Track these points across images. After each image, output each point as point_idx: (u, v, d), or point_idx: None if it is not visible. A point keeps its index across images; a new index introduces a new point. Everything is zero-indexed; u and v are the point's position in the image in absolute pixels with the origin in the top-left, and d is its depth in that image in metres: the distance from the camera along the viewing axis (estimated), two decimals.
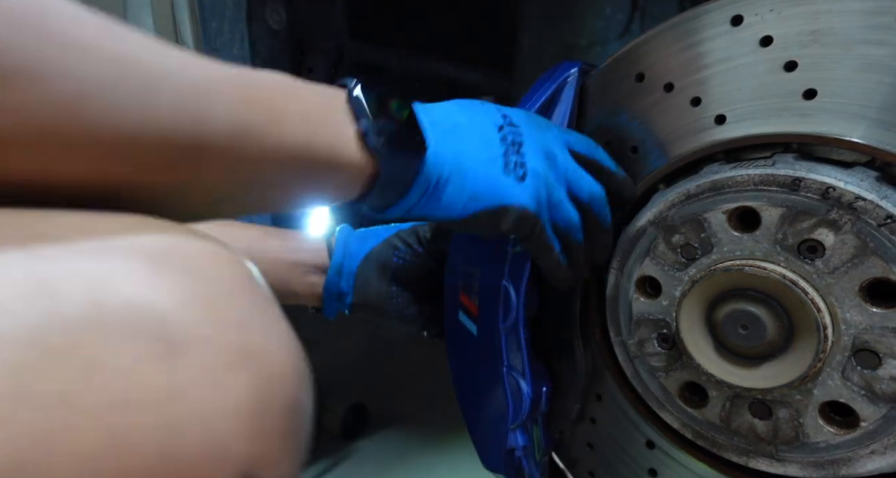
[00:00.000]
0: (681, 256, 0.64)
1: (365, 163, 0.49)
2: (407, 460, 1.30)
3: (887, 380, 0.54)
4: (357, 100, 0.49)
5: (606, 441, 0.77)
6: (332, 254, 0.76)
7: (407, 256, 0.75)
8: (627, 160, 0.69)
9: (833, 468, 0.59)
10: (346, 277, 0.75)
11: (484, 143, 0.57)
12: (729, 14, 0.60)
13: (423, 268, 0.76)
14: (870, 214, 0.53)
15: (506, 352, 0.71)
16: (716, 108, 0.62)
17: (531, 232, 0.60)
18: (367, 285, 0.75)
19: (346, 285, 0.75)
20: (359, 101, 0.49)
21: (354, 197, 0.53)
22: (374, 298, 0.75)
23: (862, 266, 0.53)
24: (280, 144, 0.42)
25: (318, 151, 0.45)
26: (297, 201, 0.51)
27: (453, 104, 0.59)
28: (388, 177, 0.50)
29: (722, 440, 0.65)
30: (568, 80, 0.71)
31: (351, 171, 0.49)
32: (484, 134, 0.57)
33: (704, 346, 0.62)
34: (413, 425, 1.44)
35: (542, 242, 0.61)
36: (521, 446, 0.72)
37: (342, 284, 0.75)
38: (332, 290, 0.75)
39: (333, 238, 0.77)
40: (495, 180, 0.56)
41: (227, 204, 0.44)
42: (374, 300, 0.75)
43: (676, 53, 0.64)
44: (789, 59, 0.57)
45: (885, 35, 0.53)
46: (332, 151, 0.47)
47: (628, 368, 0.71)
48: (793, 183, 0.56)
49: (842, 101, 0.55)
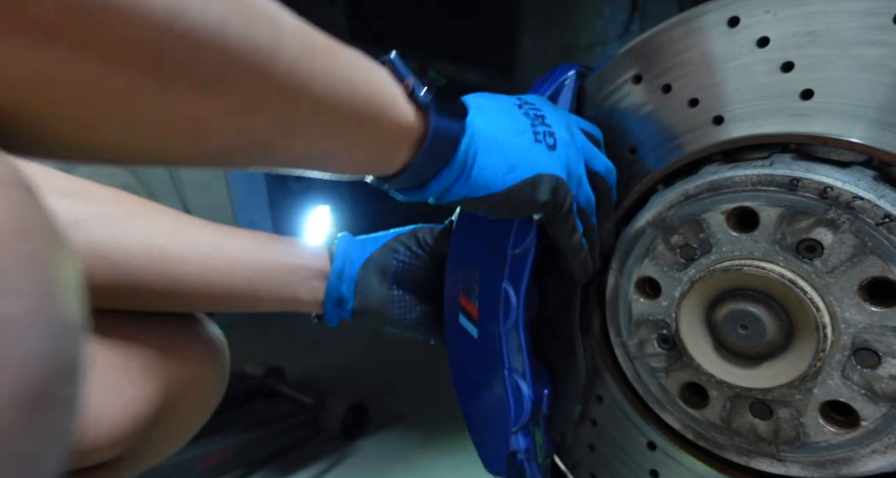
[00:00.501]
0: (680, 256, 0.64)
1: (413, 121, 0.50)
2: (406, 459, 1.30)
3: (887, 379, 0.54)
4: (396, 61, 0.50)
5: (607, 443, 0.77)
6: (332, 259, 0.76)
7: (406, 259, 0.75)
8: (626, 161, 0.69)
9: (834, 468, 0.59)
10: (347, 282, 0.75)
11: (511, 117, 0.58)
12: (726, 15, 0.60)
13: (423, 270, 0.76)
14: (868, 214, 0.53)
15: (506, 354, 0.71)
16: (713, 109, 0.62)
17: (562, 206, 0.60)
18: (368, 290, 0.75)
19: (348, 291, 0.75)
20: (399, 63, 0.50)
21: (398, 167, 0.52)
22: (375, 303, 0.75)
23: (861, 265, 0.54)
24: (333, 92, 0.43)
25: (369, 106, 0.46)
26: (341, 163, 0.51)
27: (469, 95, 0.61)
28: (435, 137, 0.50)
29: (723, 441, 0.65)
30: (565, 82, 0.71)
31: (400, 131, 0.49)
32: (508, 110, 0.59)
33: (704, 346, 0.62)
34: (412, 425, 1.45)
35: (569, 220, 0.62)
36: (522, 449, 0.72)
37: (343, 289, 0.75)
38: (333, 295, 0.75)
39: (334, 245, 0.77)
40: (528, 150, 0.57)
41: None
42: (375, 305, 0.75)
43: (674, 55, 0.64)
44: (786, 60, 0.57)
45: (881, 35, 0.53)
46: (382, 107, 0.47)
47: (629, 369, 0.71)
48: (791, 183, 0.56)
49: (839, 101, 0.55)
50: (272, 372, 1.60)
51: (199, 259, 0.67)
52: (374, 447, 1.37)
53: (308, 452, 1.35)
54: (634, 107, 0.67)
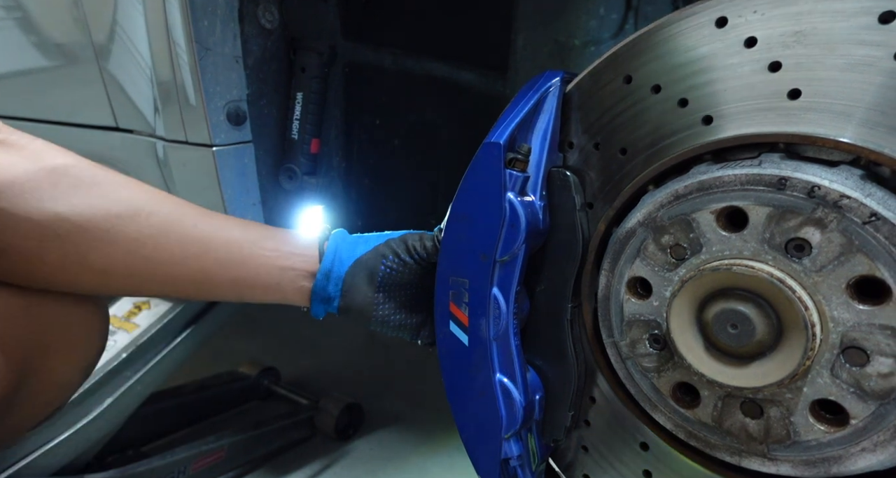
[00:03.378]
0: (670, 256, 0.64)
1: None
2: (401, 460, 1.30)
3: (876, 377, 0.54)
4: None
5: (600, 444, 0.77)
6: (322, 258, 0.76)
7: (395, 266, 0.76)
8: (616, 162, 0.69)
9: (824, 467, 0.59)
10: (335, 281, 0.76)
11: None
12: (713, 16, 0.60)
13: (410, 277, 0.77)
14: (855, 212, 0.53)
15: (497, 361, 0.71)
16: (702, 109, 0.62)
17: None
18: (355, 290, 0.76)
19: (334, 289, 0.76)
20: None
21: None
22: (360, 304, 0.76)
23: (848, 264, 0.54)
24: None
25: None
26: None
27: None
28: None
29: (714, 440, 0.65)
30: (550, 90, 0.71)
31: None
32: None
33: (695, 345, 0.62)
34: (407, 426, 1.45)
35: None
36: (515, 455, 0.72)
37: (330, 288, 0.76)
38: (319, 293, 0.77)
39: (325, 244, 0.78)
40: None
41: None
42: (359, 305, 0.77)
43: (663, 55, 0.64)
44: (774, 60, 0.57)
45: (867, 35, 0.53)
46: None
47: (621, 369, 0.71)
48: (779, 182, 0.56)
49: (826, 100, 0.55)
50: (267, 373, 1.60)
51: (186, 261, 0.68)
52: (369, 448, 1.36)
53: (303, 452, 1.35)
54: (625, 107, 0.67)
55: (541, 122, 0.71)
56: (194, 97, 0.93)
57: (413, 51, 1.25)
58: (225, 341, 1.82)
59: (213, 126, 0.95)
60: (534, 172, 0.70)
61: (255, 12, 1.00)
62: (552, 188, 0.72)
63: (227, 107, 0.97)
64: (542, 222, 0.71)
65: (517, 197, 0.68)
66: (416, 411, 1.51)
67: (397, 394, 1.60)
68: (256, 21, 1.01)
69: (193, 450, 1.17)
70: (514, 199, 0.67)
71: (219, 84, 0.95)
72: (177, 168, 1.00)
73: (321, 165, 1.13)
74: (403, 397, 1.58)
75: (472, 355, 0.72)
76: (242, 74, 0.98)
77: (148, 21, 0.93)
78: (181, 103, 0.95)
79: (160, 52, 0.93)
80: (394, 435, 1.41)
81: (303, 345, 1.90)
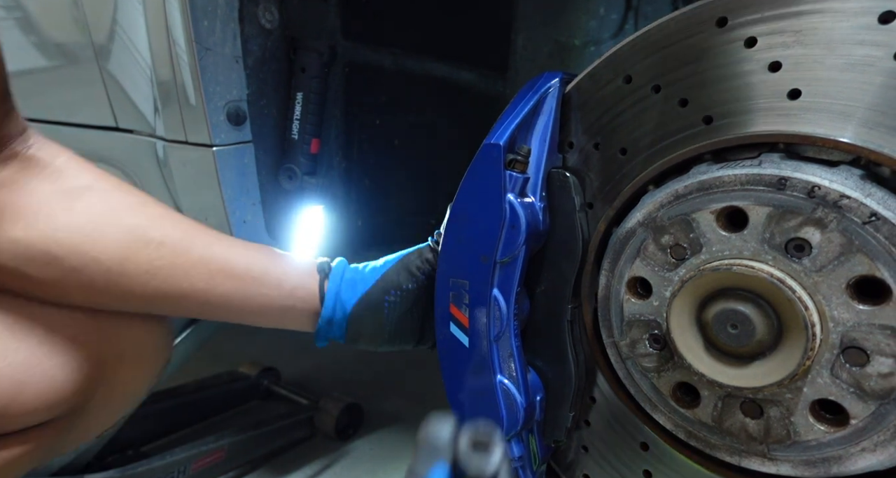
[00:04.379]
0: (670, 256, 0.64)
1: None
2: (401, 460, 1.30)
3: (876, 377, 0.54)
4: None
5: (601, 444, 0.77)
6: (323, 299, 0.76)
7: (397, 299, 0.77)
8: (616, 162, 0.69)
9: (824, 467, 0.59)
10: (338, 325, 0.77)
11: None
12: (714, 16, 0.60)
13: (415, 297, 0.77)
14: (854, 212, 0.53)
15: (498, 362, 0.71)
16: (703, 109, 0.62)
17: None
18: (361, 326, 0.77)
19: (339, 331, 0.77)
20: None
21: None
22: (367, 339, 0.78)
23: (848, 264, 0.54)
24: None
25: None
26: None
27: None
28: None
29: (714, 440, 0.65)
30: (549, 91, 0.71)
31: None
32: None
33: (695, 345, 0.62)
34: (407, 426, 1.44)
35: None
36: (517, 457, 0.72)
37: (334, 331, 0.77)
38: (324, 335, 0.78)
39: (325, 282, 0.77)
40: None
41: None
42: (367, 340, 0.78)
43: (664, 55, 0.64)
44: (773, 60, 0.57)
45: (867, 35, 0.53)
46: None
47: (621, 369, 0.71)
48: (779, 182, 0.56)
49: (826, 100, 0.55)
50: (267, 373, 1.60)
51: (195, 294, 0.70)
52: (369, 448, 1.36)
53: (303, 452, 1.35)
54: (625, 107, 0.67)
55: (540, 123, 0.71)
56: (194, 97, 0.93)
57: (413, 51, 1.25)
58: (225, 341, 1.82)
59: (213, 126, 0.95)
60: (533, 174, 0.70)
61: (255, 12, 1.00)
62: (552, 189, 0.72)
63: (227, 107, 0.97)
64: (542, 223, 0.71)
65: (517, 198, 0.68)
66: (416, 411, 1.51)
67: (397, 394, 1.60)
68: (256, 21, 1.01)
69: (193, 450, 1.17)
70: (514, 200, 0.67)
71: (219, 84, 0.95)
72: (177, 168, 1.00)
73: (321, 164, 1.13)
74: (403, 397, 1.58)
75: (473, 357, 0.72)
76: (242, 74, 0.98)
77: (148, 21, 0.93)
78: (181, 103, 0.95)
79: (160, 52, 0.93)
80: (394, 435, 1.41)
81: (303, 345, 1.90)
